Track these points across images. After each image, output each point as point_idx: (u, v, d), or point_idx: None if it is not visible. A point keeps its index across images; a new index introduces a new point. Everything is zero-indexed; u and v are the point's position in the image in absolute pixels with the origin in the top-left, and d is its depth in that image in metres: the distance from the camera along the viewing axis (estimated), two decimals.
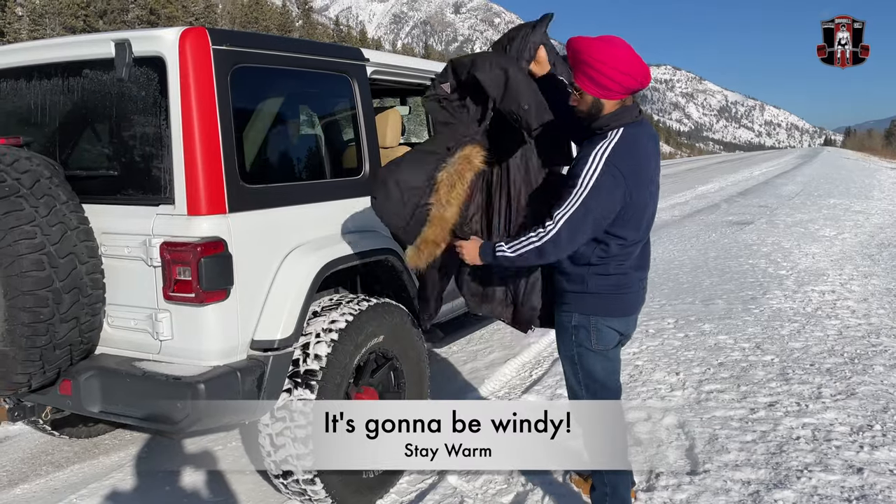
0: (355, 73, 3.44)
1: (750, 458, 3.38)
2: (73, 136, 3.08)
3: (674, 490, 3.12)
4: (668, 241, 11.02)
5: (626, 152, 2.35)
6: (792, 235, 10.85)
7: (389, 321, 3.24)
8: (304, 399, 2.87)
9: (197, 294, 2.61)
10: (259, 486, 3.41)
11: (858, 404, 3.98)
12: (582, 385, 2.62)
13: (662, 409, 4.05)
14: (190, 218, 2.66)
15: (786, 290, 7.03)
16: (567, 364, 2.66)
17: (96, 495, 3.36)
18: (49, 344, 2.64)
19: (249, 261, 2.77)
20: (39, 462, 3.77)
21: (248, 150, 2.96)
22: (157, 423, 2.71)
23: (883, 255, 9.03)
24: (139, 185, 2.82)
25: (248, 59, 2.87)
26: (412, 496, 3.27)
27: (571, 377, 2.66)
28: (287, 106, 3.33)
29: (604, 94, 2.35)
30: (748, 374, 4.59)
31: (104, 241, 2.80)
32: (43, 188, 2.64)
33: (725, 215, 14.25)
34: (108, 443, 3.96)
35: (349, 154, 3.57)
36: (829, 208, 14.83)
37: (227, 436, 3.96)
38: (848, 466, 3.25)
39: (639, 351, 5.21)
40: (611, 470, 2.64)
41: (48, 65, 3.00)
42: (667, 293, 7.19)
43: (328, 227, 3.18)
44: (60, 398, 2.85)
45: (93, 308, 2.76)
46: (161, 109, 2.70)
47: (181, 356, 2.73)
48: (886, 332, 5.43)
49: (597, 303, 2.53)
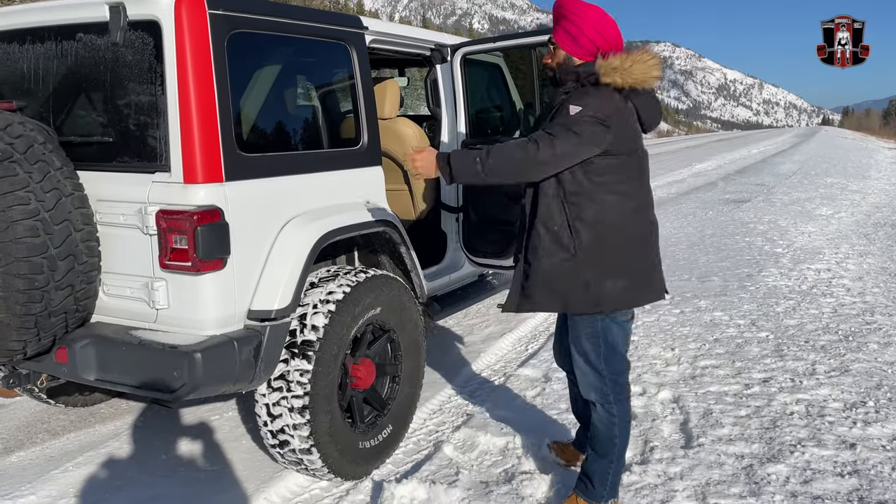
0: (354, 42, 3.39)
1: (744, 433, 3.40)
2: (67, 102, 3.03)
3: (668, 463, 3.14)
4: (665, 218, 11.01)
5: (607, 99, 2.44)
6: (788, 214, 10.85)
7: (387, 293, 3.23)
8: (300, 370, 2.86)
9: (193, 263, 2.59)
10: (255, 455, 3.42)
11: (852, 381, 4.01)
12: (602, 359, 2.61)
13: (658, 384, 4.07)
14: (186, 186, 2.62)
15: (782, 267, 7.04)
16: (587, 342, 2.62)
17: (92, 463, 3.37)
18: (44, 311, 2.62)
19: (246, 230, 2.75)
20: (35, 430, 3.78)
21: (245, 117, 2.93)
22: (153, 391, 2.70)
23: (879, 235, 9.05)
24: (134, 151, 2.78)
25: (246, 24, 2.82)
26: (408, 466, 3.29)
27: (591, 353, 2.62)
28: (285, 74, 3.27)
29: (575, 50, 2.51)
30: (743, 350, 4.61)
31: (99, 208, 2.76)
32: (37, 154, 2.60)
33: (722, 193, 14.24)
34: (104, 412, 3.97)
35: (347, 124, 3.53)
36: (826, 187, 14.83)
37: (224, 405, 3.97)
38: (841, 442, 3.28)
39: (634, 326, 5.19)
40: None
41: (41, 28, 2.93)
42: (663, 270, 7.19)
43: (326, 198, 3.15)
44: (56, 366, 2.83)
45: (88, 276, 2.73)
46: (156, 75, 2.65)
47: (177, 325, 2.72)
48: (881, 310, 5.45)
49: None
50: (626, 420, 2.72)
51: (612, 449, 2.69)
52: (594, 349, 2.61)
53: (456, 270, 4.43)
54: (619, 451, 2.70)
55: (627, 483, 2.97)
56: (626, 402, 2.72)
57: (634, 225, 2.58)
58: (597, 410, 2.70)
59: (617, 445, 2.69)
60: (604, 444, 2.70)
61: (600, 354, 2.61)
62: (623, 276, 2.56)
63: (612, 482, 2.74)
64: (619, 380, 2.67)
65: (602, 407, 2.67)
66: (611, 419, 2.67)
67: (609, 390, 2.64)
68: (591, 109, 2.39)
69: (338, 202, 3.19)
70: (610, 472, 2.71)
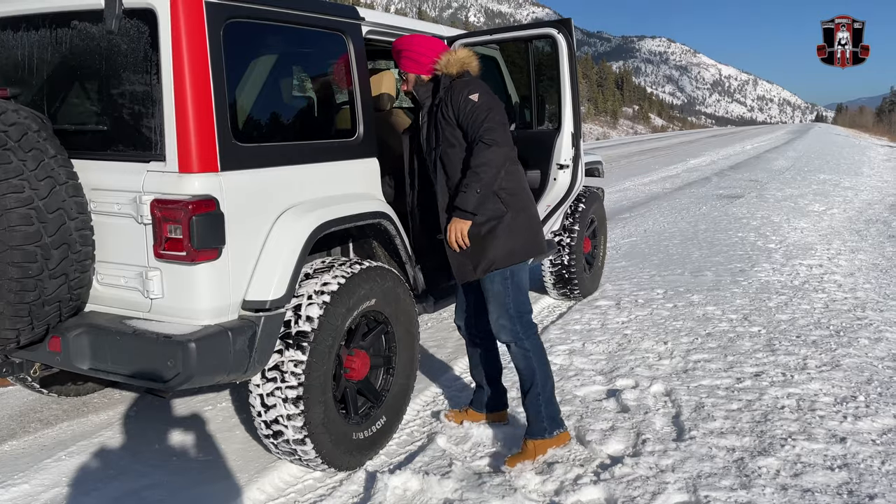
0: (351, 33, 3.38)
1: (735, 426, 3.43)
2: (62, 90, 3.01)
3: (660, 455, 3.16)
4: (658, 213, 11.05)
5: (473, 80, 3.09)
6: (781, 210, 10.90)
7: (381, 285, 3.23)
8: (295, 360, 2.87)
9: (188, 252, 2.58)
10: (249, 445, 3.42)
11: (843, 376, 4.04)
12: (511, 299, 3.08)
13: (650, 378, 4.09)
14: (181, 175, 2.62)
15: (774, 263, 7.08)
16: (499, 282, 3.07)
17: (85, 452, 3.37)
18: (38, 300, 2.61)
19: (241, 220, 2.74)
20: (28, 419, 3.77)
21: (240, 107, 2.91)
22: (146, 381, 2.70)
23: (871, 231, 9.10)
24: (129, 140, 2.77)
25: (242, 13, 2.80)
26: (401, 457, 3.30)
27: (502, 294, 3.07)
28: (281, 64, 3.26)
29: (420, 69, 3.17)
30: (735, 344, 4.64)
31: (94, 197, 2.75)
32: (31, 141, 2.58)
33: (716, 189, 14.29)
34: (97, 401, 3.97)
35: (343, 115, 3.52)
36: (819, 184, 14.90)
37: (218, 396, 3.97)
38: (831, 436, 3.31)
39: (628, 320, 5.25)
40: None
41: (36, 15, 2.91)
42: (656, 264, 7.22)
43: (321, 189, 3.14)
44: (49, 354, 2.83)
45: (82, 265, 2.72)
46: (152, 63, 2.64)
47: (172, 315, 2.71)
48: (872, 306, 5.49)
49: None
50: (540, 352, 3.15)
51: (534, 380, 3.10)
52: (506, 293, 3.08)
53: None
54: (541, 382, 3.11)
55: (619, 475, 2.98)
56: (536, 336, 3.16)
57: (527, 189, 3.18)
58: (512, 350, 3.14)
59: (537, 375, 3.11)
60: (527, 379, 3.13)
61: (510, 296, 3.08)
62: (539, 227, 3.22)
63: (549, 414, 3.14)
64: (525, 317, 3.13)
65: (516, 345, 3.11)
66: (525, 353, 3.11)
67: (519, 328, 3.10)
68: (480, 87, 3.01)
69: (333, 193, 3.19)
70: (541, 404, 3.12)
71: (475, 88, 3.01)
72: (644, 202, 12.49)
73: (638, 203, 12.29)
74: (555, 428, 3.16)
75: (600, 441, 3.33)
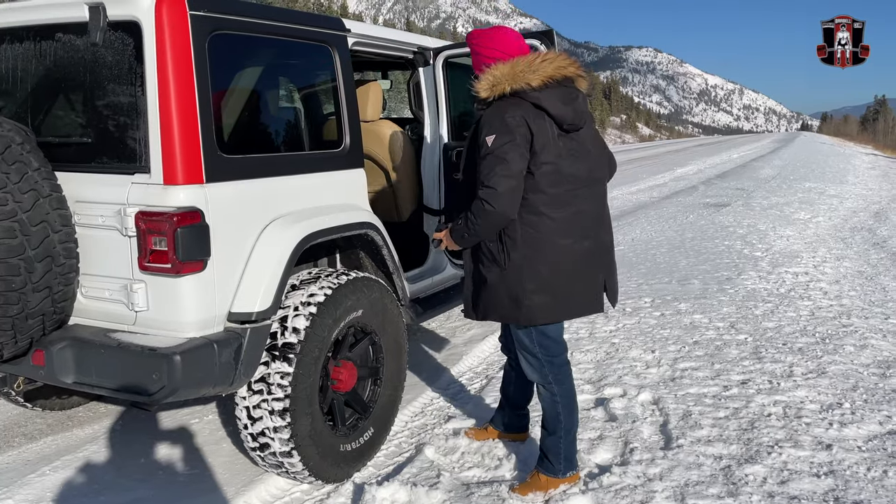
0: (337, 44, 3.38)
1: (722, 434, 3.44)
2: (46, 102, 3.00)
3: (647, 464, 3.16)
4: (645, 221, 11.11)
5: (500, 114, 2.63)
6: (767, 218, 10.99)
7: (368, 295, 3.23)
8: (281, 372, 2.85)
9: (173, 265, 2.57)
10: (235, 458, 3.40)
11: (829, 383, 4.06)
12: (536, 344, 2.86)
13: (638, 386, 4.10)
14: (166, 187, 2.61)
15: (760, 271, 7.13)
16: (522, 334, 2.87)
17: (70, 467, 3.33)
18: (21, 313, 2.59)
19: (227, 232, 2.73)
20: (12, 434, 3.73)
21: (226, 119, 2.91)
22: (131, 394, 2.67)
23: (856, 239, 9.19)
24: (114, 153, 2.76)
25: (227, 25, 2.81)
26: (389, 469, 3.29)
27: (525, 340, 2.87)
28: (266, 75, 3.26)
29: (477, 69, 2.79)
30: (722, 352, 4.66)
31: (78, 209, 2.74)
32: (14, 154, 2.57)
33: (703, 197, 14.39)
34: (82, 415, 3.93)
35: (329, 126, 3.52)
36: (805, 192, 15.03)
37: (204, 408, 3.95)
38: (817, 443, 3.32)
39: (615, 329, 5.26)
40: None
41: (20, 28, 2.90)
42: (644, 273, 7.26)
43: (307, 200, 3.14)
44: (33, 368, 2.80)
45: (66, 278, 2.71)
46: (136, 75, 2.63)
47: (157, 327, 2.70)
48: (857, 313, 5.53)
49: None
50: (569, 397, 2.93)
51: (558, 426, 2.91)
52: (527, 337, 2.87)
53: (438, 273, 4.44)
54: (565, 428, 2.92)
55: (607, 484, 2.99)
56: (567, 380, 2.93)
57: (558, 244, 2.71)
58: (540, 391, 2.96)
59: (562, 422, 2.91)
60: (551, 422, 2.94)
61: (534, 341, 2.86)
62: (548, 293, 2.72)
63: (566, 456, 2.96)
64: (556, 361, 2.90)
65: (544, 388, 2.93)
66: (553, 398, 2.91)
67: (548, 371, 2.89)
68: (500, 126, 2.59)
69: (319, 204, 3.19)
70: (561, 446, 2.93)
71: (493, 129, 2.60)
72: (631, 211, 12.55)
73: (625, 212, 12.35)
74: (569, 469, 2.97)
75: (588, 450, 3.33)
